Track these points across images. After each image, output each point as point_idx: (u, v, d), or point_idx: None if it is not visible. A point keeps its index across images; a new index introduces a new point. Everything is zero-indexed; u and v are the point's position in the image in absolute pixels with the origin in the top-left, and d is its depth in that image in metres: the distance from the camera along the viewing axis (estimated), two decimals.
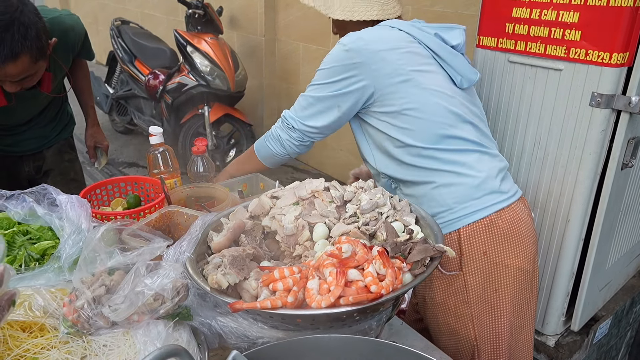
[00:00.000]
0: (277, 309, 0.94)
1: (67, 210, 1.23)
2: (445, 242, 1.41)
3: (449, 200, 1.47)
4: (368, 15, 1.58)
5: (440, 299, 1.53)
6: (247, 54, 4.92)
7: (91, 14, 8.25)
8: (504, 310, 1.51)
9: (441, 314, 1.54)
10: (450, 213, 1.48)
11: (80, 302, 0.98)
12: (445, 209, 1.48)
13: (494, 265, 1.47)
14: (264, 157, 1.68)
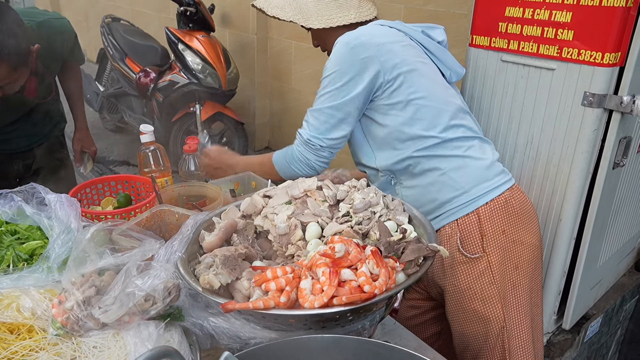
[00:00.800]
0: (269, 310, 0.93)
1: (56, 209, 1.21)
2: (465, 225, 1.50)
3: (462, 182, 1.48)
4: (346, 20, 1.59)
5: (465, 285, 1.52)
6: (238, 52, 4.89)
7: (82, 10, 8.16)
8: (524, 287, 1.54)
9: (467, 300, 1.53)
10: (465, 195, 1.49)
11: (69, 303, 0.96)
12: (460, 192, 1.49)
13: (512, 243, 1.51)
14: (287, 176, 1.60)
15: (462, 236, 1.50)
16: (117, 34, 4.87)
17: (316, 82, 4.66)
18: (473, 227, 1.50)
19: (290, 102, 4.76)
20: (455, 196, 1.50)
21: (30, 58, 1.71)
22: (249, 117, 5.03)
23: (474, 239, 1.49)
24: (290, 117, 4.83)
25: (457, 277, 1.53)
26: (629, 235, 2.40)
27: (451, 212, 1.51)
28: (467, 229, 1.50)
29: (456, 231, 1.50)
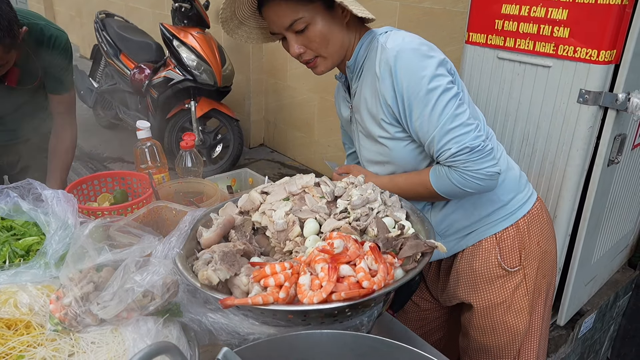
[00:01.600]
0: (268, 305, 0.93)
1: (53, 205, 1.20)
2: (504, 239, 1.45)
3: (502, 196, 1.43)
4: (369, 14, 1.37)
5: (500, 299, 1.48)
6: (234, 49, 4.88)
7: (75, 6, 8.11)
8: (547, 295, 1.56)
9: (500, 313, 1.49)
10: (504, 209, 1.44)
11: (67, 299, 0.96)
12: (499, 206, 1.44)
13: (543, 253, 1.50)
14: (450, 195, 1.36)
15: (501, 250, 1.45)
16: (111, 30, 4.84)
17: (311, 79, 4.66)
18: (512, 241, 1.45)
19: (285, 99, 4.75)
20: (492, 211, 1.44)
21: (18, 42, 1.67)
22: (244, 114, 5.02)
23: (514, 252, 1.46)
24: (286, 114, 4.82)
25: (492, 292, 1.48)
26: (623, 232, 2.42)
27: (490, 226, 1.46)
28: (507, 243, 1.45)
29: (494, 245, 1.45)
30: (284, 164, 4.84)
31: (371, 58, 1.33)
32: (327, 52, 1.33)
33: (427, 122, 1.25)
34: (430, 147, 1.29)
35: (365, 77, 1.37)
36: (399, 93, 1.27)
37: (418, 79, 1.23)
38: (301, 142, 4.75)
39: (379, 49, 1.30)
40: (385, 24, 4.06)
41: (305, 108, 4.57)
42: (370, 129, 1.40)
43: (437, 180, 1.31)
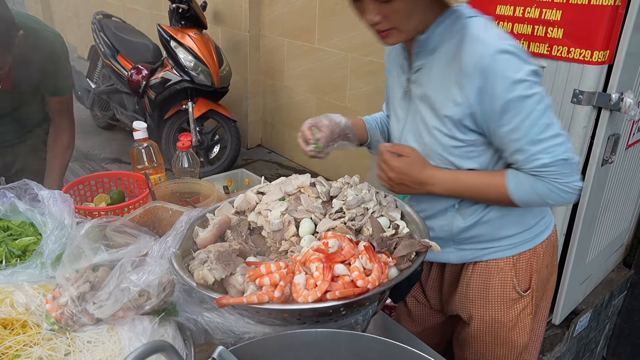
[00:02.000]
0: (263, 304, 0.94)
1: (50, 205, 1.21)
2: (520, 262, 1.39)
3: (529, 219, 1.38)
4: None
5: (507, 319, 1.45)
6: (231, 50, 4.88)
7: (72, 7, 8.10)
8: (546, 311, 1.57)
9: (505, 331, 1.46)
10: (527, 232, 1.39)
11: (64, 298, 0.97)
12: (524, 229, 1.39)
13: (549, 275, 1.50)
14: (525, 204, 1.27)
15: (517, 273, 1.41)
16: (109, 30, 4.83)
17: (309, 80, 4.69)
18: (528, 264, 1.41)
19: (282, 99, 4.76)
20: (518, 232, 1.39)
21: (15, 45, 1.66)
22: (241, 115, 5.02)
23: (527, 275, 1.42)
24: (283, 114, 4.83)
25: (502, 311, 1.44)
26: (618, 232, 2.43)
27: (510, 247, 1.40)
28: (522, 265, 1.41)
29: (511, 266, 1.41)
30: (281, 165, 4.85)
31: (454, 43, 1.20)
32: (406, 27, 1.20)
33: (517, 129, 1.16)
34: (513, 154, 1.20)
35: (439, 59, 1.24)
36: (489, 95, 1.15)
37: (514, 84, 1.13)
38: (298, 142, 4.75)
39: (470, 39, 1.16)
40: None
41: (302, 109, 4.58)
42: (426, 115, 1.29)
43: (517, 187, 1.22)
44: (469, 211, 1.37)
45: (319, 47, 4.18)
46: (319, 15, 4.09)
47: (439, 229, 1.42)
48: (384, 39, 1.24)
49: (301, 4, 4.20)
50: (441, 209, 1.40)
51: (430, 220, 1.41)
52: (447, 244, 1.44)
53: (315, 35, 4.17)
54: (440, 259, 1.49)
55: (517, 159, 1.21)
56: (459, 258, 1.45)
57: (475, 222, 1.37)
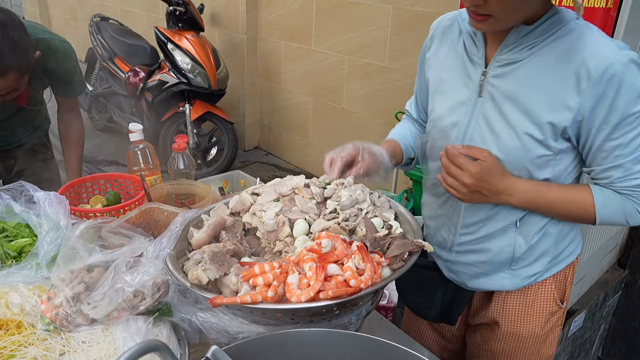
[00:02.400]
0: (257, 304, 0.95)
1: (45, 207, 1.21)
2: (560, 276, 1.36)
3: (573, 232, 1.35)
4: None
5: (544, 331, 1.40)
6: (228, 52, 4.90)
7: (69, 10, 8.11)
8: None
9: (537, 343, 1.41)
10: (571, 245, 1.36)
11: (58, 299, 0.97)
12: (569, 242, 1.35)
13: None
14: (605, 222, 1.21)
15: (557, 285, 1.37)
16: (106, 33, 4.85)
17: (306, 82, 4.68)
18: (565, 276, 1.38)
19: (280, 102, 4.77)
20: (567, 246, 1.34)
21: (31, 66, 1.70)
22: (238, 117, 5.04)
23: (563, 288, 1.39)
24: (280, 116, 4.85)
25: (539, 325, 1.39)
26: (612, 232, 2.44)
27: (559, 262, 1.35)
28: (561, 278, 1.37)
29: (552, 279, 1.36)
30: (278, 167, 4.86)
31: (562, 43, 1.11)
32: (506, 19, 1.10)
33: (626, 145, 1.10)
34: (609, 170, 1.14)
35: (541, 57, 1.13)
36: (608, 104, 1.07)
37: (636, 99, 1.07)
38: (296, 144, 4.77)
39: (596, 42, 1.09)
40: (379, 27, 4.07)
41: (299, 111, 4.59)
42: (512, 117, 1.17)
43: (605, 205, 1.15)
44: (532, 229, 1.28)
45: (316, 49, 4.20)
46: (315, 17, 4.10)
47: (499, 251, 1.31)
48: (476, 23, 1.13)
49: (298, 6, 4.22)
50: (500, 229, 1.28)
51: (487, 242, 1.31)
52: (502, 269, 1.34)
53: (312, 38, 4.19)
54: (493, 286, 1.37)
55: (612, 175, 1.14)
56: (514, 284, 1.35)
57: (537, 241, 1.29)
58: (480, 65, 1.22)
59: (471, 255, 1.35)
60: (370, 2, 3.60)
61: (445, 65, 1.32)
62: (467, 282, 1.40)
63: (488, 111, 1.20)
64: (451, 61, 1.30)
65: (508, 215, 1.26)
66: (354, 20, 3.75)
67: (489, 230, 1.29)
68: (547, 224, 1.27)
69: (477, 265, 1.36)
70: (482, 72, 1.21)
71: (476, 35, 1.23)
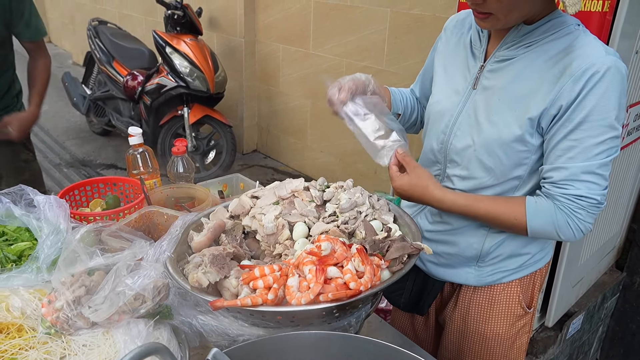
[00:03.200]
0: (257, 306, 0.95)
1: (45, 210, 1.22)
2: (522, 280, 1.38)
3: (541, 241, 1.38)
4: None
5: (510, 334, 1.43)
6: (226, 55, 4.91)
7: (67, 13, 8.12)
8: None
9: (503, 347, 1.44)
10: (542, 252, 1.39)
11: (59, 302, 0.98)
12: (540, 248, 1.38)
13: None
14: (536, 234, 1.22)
15: (523, 289, 1.40)
16: (104, 37, 4.85)
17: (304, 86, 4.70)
18: (532, 282, 1.41)
19: (278, 105, 4.78)
20: (538, 251, 1.37)
21: None
22: (237, 120, 5.04)
23: (530, 293, 1.42)
24: (278, 120, 4.85)
25: (504, 327, 1.42)
26: (610, 234, 2.45)
27: (526, 266, 1.38)
28: (527, 282, 1.41)
29: (518, 283, 1.39)
30: (277, 170, 4.87)
31: (558, 44, 1.14)
32: (506, 18, 1.13)
33: (580, 150, 1.10)
34: (555, 170, 1.15)
35: (535, 55, 1.17)
36: (579, 102, 1.09)
37: (608, 109, 1.08)
38: (294, 147, 4.78)
39: (589, 45, 1.11)
40: (377, 30, 4.08)
41: (298, 114, 4.60)
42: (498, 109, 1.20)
43: (536, 215, 1.17)
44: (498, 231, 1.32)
45: (314, 53, 4.21)
46: (313, 21, 4.12)
47: (467, 246, 1.35)
48: (478, 20, 1.18)
49: (296, 9, 4.23)
50: (471, 223, 1.33)
51: (457, 236, 1.36)
52: (468, 264, 1.39)
53: (310, 41, 4.20)
54: (458, 279, 1.42)
55: (554, 176, 1.15)
56: (478, 280, 1.40)
57: (505, 241, 1.33)
58: (479, 59, 1.28)
59: (440, 245, 1.40)
60: (367, 6, 3.62)
61: (451, 55, 1.37)
62: (433, 271, 1.46)
63: (478, 103, 1.25)
64: (457, 52, 1.35)
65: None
66: (352, 24, 3.77)
67: (462, 224, 1.34)
68: None
69: (443, 256, 1.41)
70: (480, 66, 1.27)
71: (482, 32, 1.28)
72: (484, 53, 1.27)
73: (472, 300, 1.43)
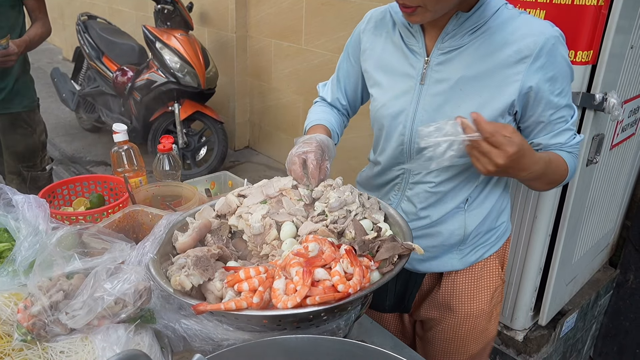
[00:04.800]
0: (242, 310, 0.92)
1: (24, 210, 1.17)
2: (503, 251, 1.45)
3: (508, 205, 1.45)
4: None
5: (490, 306, 1.46)
6: (218, 51, 4.85)
7: (57, 8, 8.01)
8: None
9: (483, 321, 1.47)
10: (509, 220, 1.46)
11: (36, 308, 0.93)
12: (507, 216, 1.45)
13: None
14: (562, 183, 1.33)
15: (498, 259, 1.46)
16: (94, 32, 4.79)
17: (296, 81, 4.66)
18: (505, 250, 1.47)
19: (270, 101, 4.74)
20: (506, 220, 1.45)
21: None
22: (228, 116, 4.99)
23: (503, 261, 1.48)
24: (271, 116, 4.81)
25: (486, 301, 1.45)
26: (603, 232, 2.44)
27: (501, 237, 1.44)
28: (502, 251, 1.47)
29: (496, 258, 1.45)
30: (269, 166, 4.82)
31: (497, 25, 1.18)
32: (434, 8, 1.12)
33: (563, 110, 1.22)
34: (560, 134, 1.24)
35: (479, 42, 1.19)
36: (550, 74, 1.17)
37: (567, 67, 1.21)
38: (287, 144, 4.73)
39: (531, 21, 1.19)
40: None
41: (290, 110, 4.56)
42: (460, 101, 1.22)
43: (571, 163, 1.27)
44: (477, 207, 1.35)
45: (306, 48, 4.16)
46: (305, 16, 4.07)
47: (450, 234, 1.37)
48: (407, 16, 1.16)
49: (288, 4, 4.18)
50: (449, 211, 1.35)
51: (440, 226, 1.37)
52: (451, 250, 1.40)
53: (302, 36, 4.16)
54: (444, 267, 1.43)
55: (561, 139, 1.24)
56: (462, 263, 1.41)
57: (484, 217, 1.36)
58: (421, 54, 1.26)
59: (423, 240, 1.38)
60: (360, 1, 3.57)
61: (383, 57, 1.34)
62: (417, 266, 1.45)
63: (433, 98, 1.25)
64: (389, 53, 1.33)
65: (456, 196, 1.33)
66: (344, 19, 3.73)
67: (440, 213, 1.35)
68: (487, 200, 1.35)
69: (428, 249, 1.39)
70: (425, 61, 1.26)
71: (412, 27, 1.27)
72: (424, 47, 1.26)
73: (455, 284, 1.44)
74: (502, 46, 1.18)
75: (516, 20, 1.19)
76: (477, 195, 1.34)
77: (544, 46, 1.15)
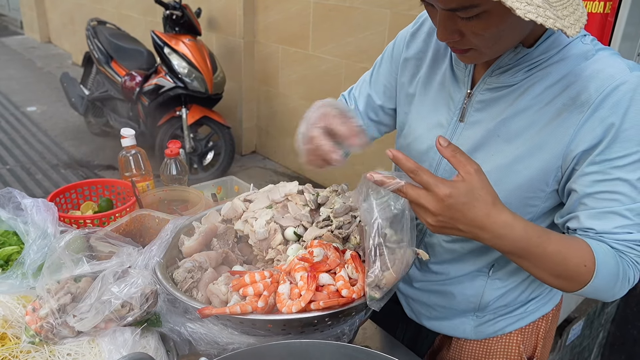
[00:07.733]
0: (246, 315, 0.92)
1: (33, 214, 1.19)
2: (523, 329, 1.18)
3: None
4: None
5: None
6: (225, 56, 4.88)
7: (67, 13, 8.10)
8: None
9: None
10: (549, 293, 1.19)
11: (44, 311, 0.95)
12: (546, 289, 1.18)
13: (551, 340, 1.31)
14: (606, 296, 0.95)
15: (524, 339, 1.20)
16: (103, 37, 4.84)
17: (303, 87, 4.70)
18: (535, 329, 1.20)
19: (277, 106, 4.76)
20: (541, 294, 1.16)
21: None
22: (235, 121, 5.02)
23: (532, 342, 1.22)
24: (278, 121, 4.83)
25: None
26: None
27: (530, 312, 1.18)
28: (529, 331, 1.20)
29: (518, 332, 1.19)
30: (276, 171, 4.84)
31: (562, 66, 0.93)
32: (490, 50, 0.91)
33: (627, 189, 0.88)
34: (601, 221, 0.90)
35: (533, 82, 0.95)
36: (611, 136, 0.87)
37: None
38: (293, 149, 4.72)
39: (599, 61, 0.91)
40: (376, 32, 4.06)
41: (297, 115, 4.56)
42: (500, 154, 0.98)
43: (605, 262, 0.88)
44: (504, 278, 1.10)
45: (313, 54, 4.18)
46: (313, 22, 4.09)
47: (463, 299, 1.16)
48: (459, 55, 0.95)
49: (295, 10, 4.21)
50: (468, 273, 1.13)
51: (453, 287, 1.16)
52: (465, 314, 1.19)
53: (310, 42, 4.18)
54: (454, 332, 1.22)
55: (605, 225, 0.89)
56: (476, 333, 1.20)
57: (510, 289, 1.13)
58: (465, 84, 1.04)
59: (433, 296, 1.21)
60: (367, 7, 3.59)
61: (427, 75, 1.12)
62: (426, 323, 1.26)
63: (471, 141, 1.02)
64: (434, 72, 1.11)
65: (477, 259, 1.09)
66: (351, 25, 3.74)
67: (457, 273, 1.14)
68: (521, 271, 1.09)
69: (436, 308, 1.22)
70: (467, 94, 1.03)
71: None
72: (471, 77, 1.03)
73: (463, 352, 1.24)
74: (557, 92, 0.93)
75: (589, 59, 0.92)
76: (506, 262, 1.08)
77: (611, 94, 0.86)
